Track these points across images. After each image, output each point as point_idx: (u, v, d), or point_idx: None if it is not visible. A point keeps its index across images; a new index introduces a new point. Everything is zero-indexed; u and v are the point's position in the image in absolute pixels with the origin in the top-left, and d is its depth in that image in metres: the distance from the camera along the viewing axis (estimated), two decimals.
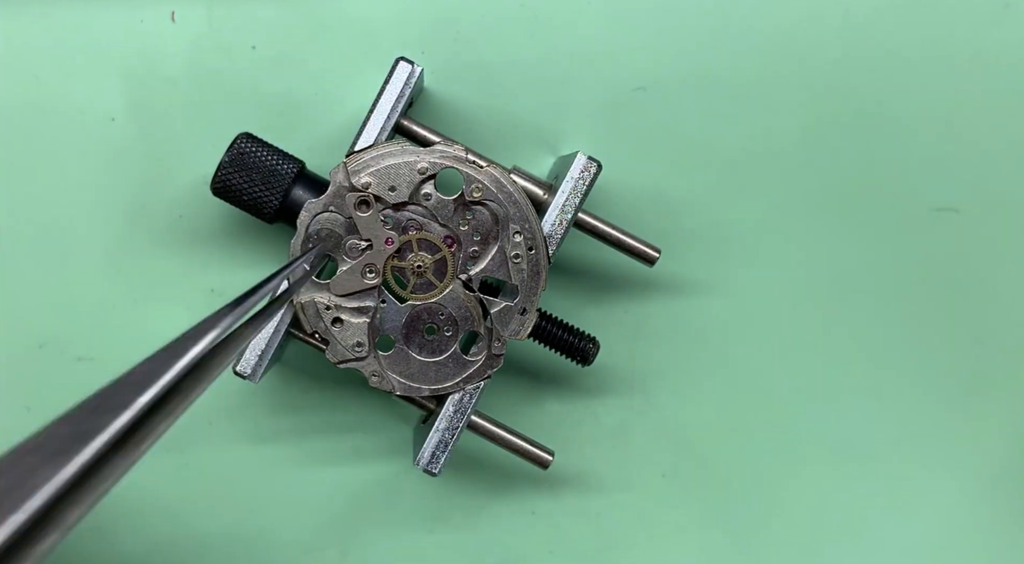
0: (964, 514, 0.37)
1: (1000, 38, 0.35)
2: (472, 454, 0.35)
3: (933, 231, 0.35)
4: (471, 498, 0.36)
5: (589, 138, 0.34)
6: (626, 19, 0.34)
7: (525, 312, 0.30)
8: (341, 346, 0.29)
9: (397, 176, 0.28)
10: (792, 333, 0.36)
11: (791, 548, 0.36)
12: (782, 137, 0.35)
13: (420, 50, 0.34)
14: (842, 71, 0.35)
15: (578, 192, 0.29)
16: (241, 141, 0.30)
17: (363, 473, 0.35)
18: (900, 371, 0.36)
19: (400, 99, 0.29)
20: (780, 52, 0.34)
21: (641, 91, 0.34)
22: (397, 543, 0.35)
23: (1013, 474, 0.36)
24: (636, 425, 0.36)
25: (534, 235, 0.29)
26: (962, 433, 0.36)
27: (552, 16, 0.34)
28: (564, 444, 0.35)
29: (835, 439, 0.36)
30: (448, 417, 0.30)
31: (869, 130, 0.35)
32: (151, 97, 0.33)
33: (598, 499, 0.36)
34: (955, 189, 0.35)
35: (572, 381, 0.36)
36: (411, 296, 0.29)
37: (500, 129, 0.34)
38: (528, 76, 0.34)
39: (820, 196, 0.35)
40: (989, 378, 0.36)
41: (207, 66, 0.33)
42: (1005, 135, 0.35)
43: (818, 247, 0.35)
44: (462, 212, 0.29)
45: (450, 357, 0.30)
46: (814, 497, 0.36)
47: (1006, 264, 0.36)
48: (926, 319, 0.36)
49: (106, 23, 0.33)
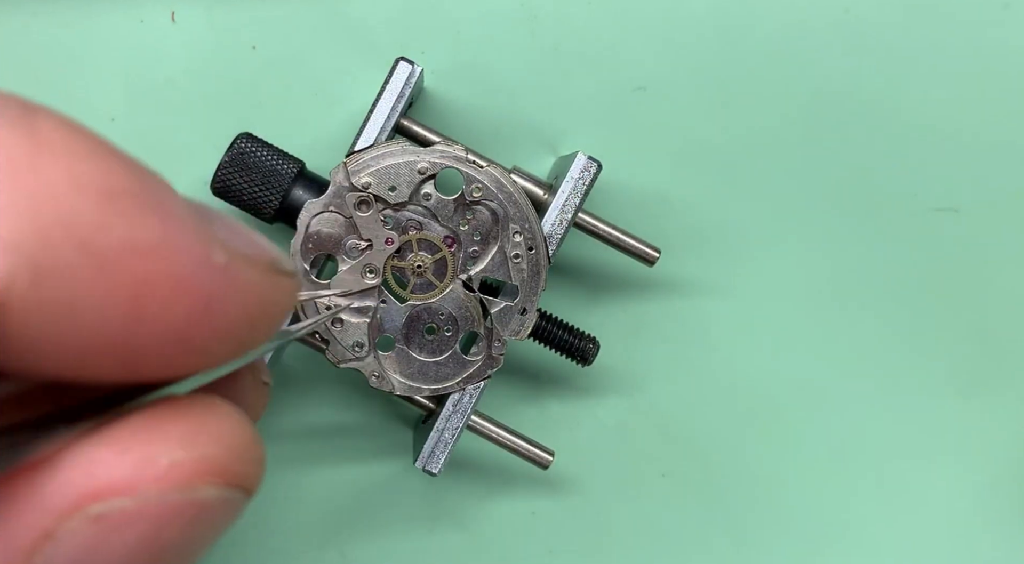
0: (965, 514, 0.37)
1: (1000, 38, 0.35)
2: (472, 454, 0.35)
3: (933, 231, 0.35)
4: (471, 498, 0.36)
5: (589, 138, 0.34)
6: (626, 19, 0.34)
7: (525, 312, 0.30)
8: (341, 346, 0.29)
9: (397, 176, 0.28)
10: (792, 333, 0.36)
11: (791, 548, 0.36)
12: (782, 137, 0.35)
13: (420, 50, 0.34)
14: (842, 71, 0.35)
15: (578, 192, 0.29)
16: (241, 141, 0.30)
17: (363, 473, 0.35)
18: (900, 371, 0.36)
19: (400, 99, 0.29)
20: (780, 52, 0.34)
21: (641, 91, 0.34)
22: (397, 543, 0.35)
23: (1015, 474, 0.36)
24: (636, 425, 0.36)
25: (534, 235, 0.29)
26: (963, 433, 0.36)
27: (552, 16, 0.34)
28: (564, 444, 0.35)
29: (835, 439, 0.36)
30: (448, 417, 0.30)
31: (869, 130, 0.35)
32: (151, 97, 0.33)
33: (598, 499, 0.36)
34: (955, 189, 0.35)
35: (572, 381, 0.36)
36: (411, 296, 0.29)
37: (500, 129, 0.34)
38: (528, 76, 0.34)
39: (820, 196, 0.35)
40: (990, 378, 0.36)
41: (207, 66, 0.33)
42: (1005, 135, 0.35)
43: (818, 247, 0.35)
44: (462, 212, 0.29)
45: (450, 357, 0.30)
46: (814, 497, 0.36)
47: (1006, 264, 0.36)
48: (926, 319, 0.36)
49: (106, 23, 0.33)
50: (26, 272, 0.11)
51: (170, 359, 0.13)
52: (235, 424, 0.13)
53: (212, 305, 0.12)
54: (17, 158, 0.11)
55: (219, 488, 0.13)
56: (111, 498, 0.12)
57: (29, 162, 0.11)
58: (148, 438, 0.12)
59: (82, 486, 0.12)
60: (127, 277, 0.12)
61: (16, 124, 0.11)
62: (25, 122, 0.11)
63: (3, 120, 0.11)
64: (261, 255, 0.14)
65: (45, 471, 0.12)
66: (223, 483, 0.13)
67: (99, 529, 0.12)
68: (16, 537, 0.12)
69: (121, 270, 0.11)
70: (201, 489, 0.12)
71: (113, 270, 0.11)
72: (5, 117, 0.11)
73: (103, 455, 0.12)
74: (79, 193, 0.11)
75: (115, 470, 0.12)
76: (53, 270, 0.11)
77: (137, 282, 0.12)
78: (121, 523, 0.12)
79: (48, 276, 0.11)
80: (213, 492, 0.13)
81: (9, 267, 0.11)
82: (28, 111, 0.12)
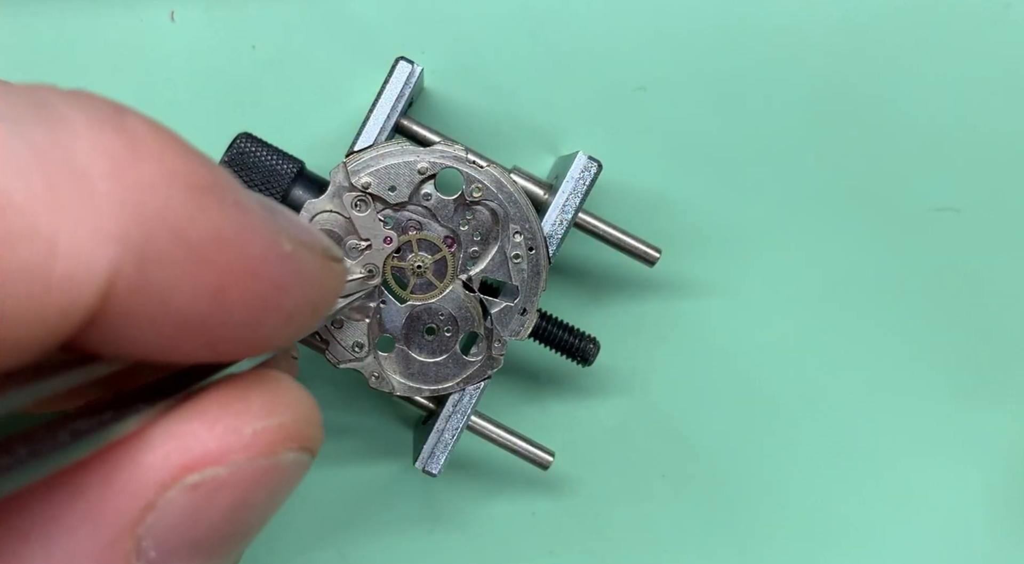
0: (966, 514, 0.37)
1: (1000, 38, 0.35)
2: (472, 454, 0.35)
3: (933, 231, 0.35)
4: (471, 498, 0.36)
5: (589, 138, 0.34)
6: (626, 19, 0.34)
7: (525, 312, 0.30)
8: (341, 347, 0.29)
9: (397, 176, 0.28)
10: (792, 333, 0.36)
11: (791, 548, 0.36)
12: (782, 137, 0.35)
13: (420, 50, 0.34)
14: (842, 71, 0.35)
15: (578, 192, 0.29)
16: (241, 141, 0.30)
17: (363, 473, 0.35)
18: (900, 371, 0.36)
19: (400, 99, 0.29)
20: (780, 52, 0.34)
21: (641, 91, 0.34)
22: (397, 543, 0.35)
23: (1015, 474, 0.36)
24: (636, 425, 0.36)
25: (534, 235, 0.29)
26: (963, 433, 0.36)
27: (552, 16, 0.34)
28: (564, 444, 0.35)
29: (835, 439, 0.36)
30: (448, 417, 0.30)
31: (869, 130, 0.35)
32: (151, 97, 0.33)
33: (598, 499, 0.36)
34: (955, 189, 0.35)
35: (572, 381, 0.36)
36: (411, 296, 0.29)
37: (500, 129, 0.34)
38: (528, 76, 0.34)
39: (820, 196, 0.35)
40: (990, 378, 0.36)
41: (207, 66, 0.33)
42: (1005, 135, 0.35)
43: (818, 247, 0.35)
44: (462, 212, 0.29)
45: (450, 357, 0.30)
46: (814, 497, 0.36)
47: (1007, 264, 0.36)
48: (926, 319, 0.36)
49: (105, 23, 0.33)
50: (131, 261, 0.12)
51: (246, 340, 0.14)
52: (301, 394, 0.14)
53: (281, 290, 0.14)
54: (117, 156, 0.12)
55: (295, 452, 0.14)
56: (205, 468, 0.13)
57: (128, 160, 0.12)
58: (233, 411, 0.13)
59: (178, 458, 0.13)
60: (213, 265, 0.13)
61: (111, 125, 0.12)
62: (119, 122, 0.12)
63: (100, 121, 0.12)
64: (316, 243, 0.15)
65: (139, 446, 0.13)
66: (298, 447, 0.14)
67: (196, 497, 0.13)
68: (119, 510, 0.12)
69: (208, 259, 0.12)
70: (281, 454, 0.14)
71: (201, 259, 0.12)
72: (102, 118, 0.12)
73: (194, 428, 0.13)
74: (172, 188, 0.12)
75: (207, 442, 0.13)
76: (153, 259, 0.12)
77: (221, 270, 0.13)
78: (216, 490, 0.13)
79: (149, 265, 0.12)
80: (291, 456, 0.14)
81: (117, 257, 0.11)
82: (119, 112, 0.12)
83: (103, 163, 0.12)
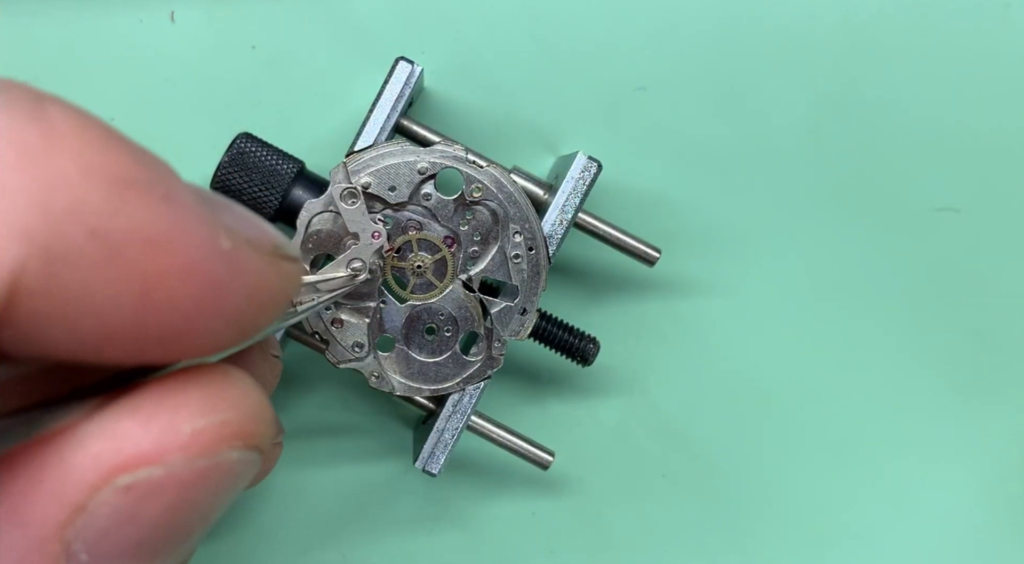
0: (965, 514, 0.37)
1: (1000, 38, 0.35)
2: (472, 454, 0.35)
3: (933, 231, 0.35)
4: (471, 498, 0.36)
5: (589, 138, 0.34)
6: (626, 19, 0.34)
7: (525, 312, 0.30)
8: (341, 346, 0.29)
9: (397, 176, 0.28)
10: (792, 333, 0.36)
11: (791, 548, 0.36)
12: (782, 137, 0.35)
13: (420, 50, 0.34)
14: (842, 71, 0.35)
15: (578, 192, 0.29)
16: (241, 141, 0.30)
17: (363, 473, 0.35)
18: (900, 371, 0.36)
19: (400, 99, 0.29)
20: (780, 52, 0.34)
21: (641, 91, 0.34)
22: (397, 543, 0.35)
23: (1015, 474, 0.36)
24: (636, 425, 0.36)
25: (534, 235, 0.29)
26: (963, 433, 0.36)
27: (552, 16, 0.34)
28: (564, 444, 0.35)
29: (835, 439, 0.36)
30: (448, 417, 0.30)
31: (869, 130, 0.35)
32: (151, 97, 0.33)
33: (598, 499, 0.36)
34: (955, 189, 0.35)
35: (572, 381, 0.36)
36: (411, 296, 0.29)
37: (500, 129, 0.34)
38: (528, 76, 0.34)
39: (820, 196, 0.35)
40: (990, 378, 0.36)
41: (207, 66, 0.33)
42: (1005, 135, 0.35)
43: (818, 247, 0.35)
44: (462, 212, 0.29)
45: (450, 357, 0.30)
46: (814, 497, 0.36)
47: (1007, 264, 0.36)
48: (926, 319, 0.36)
49: (105, 23, 0.33)
50: (38, 259, 0.11)
51: (178, 343, 0.13)
52: (247, 388, 0.14)
53: (219, 290, 0.13)
54: (28, 146, 0.11)
55: (239, 450, 0.13)
56: (139, 468, 0.12)
57: (40, 150, 0.11)
58: (170, 407, 0.13)
59: (110, 458, 0.12)
60: (136, 264, 0.12)
61: (27, 112, 0.11)
62: (35, 111, 0.11)
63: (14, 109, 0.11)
64: (265, 240, 0.14)
65: (69, 446, 0.12)
66: (242, 446, 0.13)
67: (129, 499, 0.12)
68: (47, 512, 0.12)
69: (130, 257, 0.12)
70: (223, 453, 0.13)
71: (123, 257, 0.12)
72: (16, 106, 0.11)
73: (127, 426, 0.12)
74: (89, 181, 0.11)
75: (141, 440, 0.12)
76: (64, 257, 0.11)
77: (146, 269, 0.12)
78: (150, 492, 0.12)
79: (59, 263, 0.11)
80: (234, 455, 0.13)
81: (21, 254, 0.11)
82: (38, 100, 0.12)
83: (11, 153, 0.11)
